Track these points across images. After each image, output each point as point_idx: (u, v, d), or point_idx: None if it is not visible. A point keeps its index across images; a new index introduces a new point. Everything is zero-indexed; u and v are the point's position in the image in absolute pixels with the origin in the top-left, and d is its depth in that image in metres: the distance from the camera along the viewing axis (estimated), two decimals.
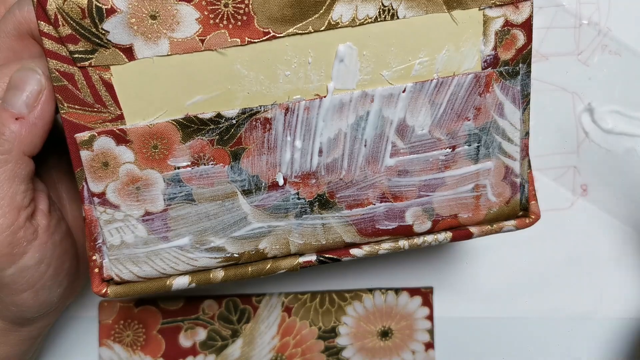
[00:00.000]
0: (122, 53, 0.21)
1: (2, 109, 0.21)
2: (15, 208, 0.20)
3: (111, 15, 0.20)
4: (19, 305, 0.22)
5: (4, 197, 0.20)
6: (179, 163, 0.23)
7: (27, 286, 0.21)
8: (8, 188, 0.20)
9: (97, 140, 0.22)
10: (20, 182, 0.21)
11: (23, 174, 0.21)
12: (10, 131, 0.20)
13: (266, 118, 0.22)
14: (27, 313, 0.23)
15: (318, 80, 0.22)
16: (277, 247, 0.24)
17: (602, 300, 0.32)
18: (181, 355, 0.30)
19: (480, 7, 0.22)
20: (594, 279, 0.32)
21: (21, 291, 0.21)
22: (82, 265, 0.25)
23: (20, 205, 0.21)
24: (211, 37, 0.21)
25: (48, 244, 0.22)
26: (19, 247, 0.21)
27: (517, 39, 0.23)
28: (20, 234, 0.21)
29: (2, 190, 0.20)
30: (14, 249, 0.21)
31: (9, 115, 0.20)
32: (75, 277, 0.25)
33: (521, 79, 0.24)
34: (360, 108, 0.23)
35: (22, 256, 0.21)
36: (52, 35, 0.20)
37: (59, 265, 0.23)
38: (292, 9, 0.21)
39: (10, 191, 0.20)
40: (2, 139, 0.20)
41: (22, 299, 0.22)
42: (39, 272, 0.22)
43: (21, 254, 0.21)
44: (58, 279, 0.23)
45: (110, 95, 0.21)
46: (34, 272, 0.21)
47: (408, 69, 0.23)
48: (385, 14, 0.22)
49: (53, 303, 0.23)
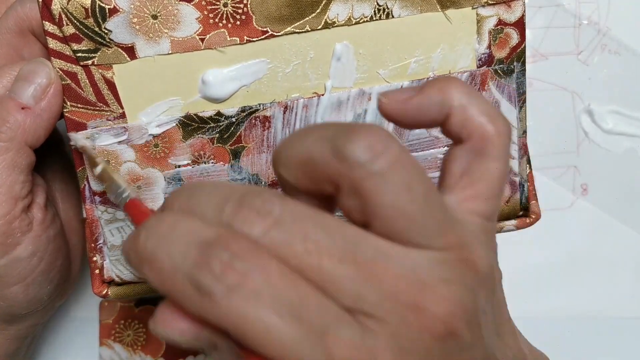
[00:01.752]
0: (124, 52, 0.21)
1: (8, 98, 0.21)
2: (12, 197, 0.20)
3: (114, 15, 0.20)
4: (9, 299, 0.22)
5: (1, 185, 0.20)
6: (180, 162, 0.23)
7: (18, 279, 0.21)
8: (7, 177, 0.20)
9: (98, 138, 0.22)
10: (20, 172, 0.21)
11: (23, 165, 0.21)
12: (14, 119, 0.20)
13: (265, 116, 0.23)
14: (16, 309, 0.22)
15: (316, 78, 0.23)
16: None
17: (602, 300, 0.32)
18: (181, 354, 0.30)
19: (473, 6, 0.22)
20: (594, 279, 0.32)
21: (12, 284, 0.21)
22: (73, 267, 0.25)
23: (18, 196, 0.21)
24: (211, 36, 0.21)
25: (42, 238, 0.22)
26: (12, 237, 0.21)
27: (510, 37, 0.23)
28: (15, 224, 0.21)
29: (0, 179, 0.20)
30: (8, 238, 0.21)
31: (15, 104, 0.21)
32: (66, 277, 0.25)
33: (516, 77, 0.24)
34: (358, 106, 0.23)
35: (15, 247, 0.21)
36: (56, 35, 0.21)
37: (51, 262, 0.22)
38: (290, 8, 0.21)
39: (9, 180, 0.20)
40: (6, 127, 0.20)
41: (12, 293, 0.21)
42: (30, 265, 0.21)
43: (14, 244, 0.21)
44: (49, 276, 0.23)
45: (112, 94, 0.22)
46: (26, 264, 0.21)
47: (404, 67, 0.23)
48: (380, 13, 0.22)
49: (43, 300, 0.23)
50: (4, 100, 0.21)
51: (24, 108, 0.21)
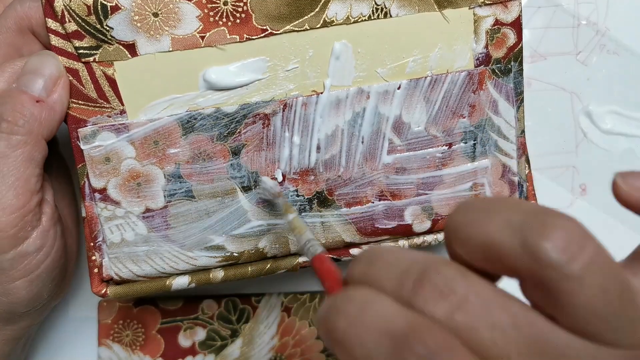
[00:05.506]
0: (125, 49, 0.21)
1: (20, 91, 0.21)
2: (28, 191, 0.20)
3: (115, 13, 0.21)
4: (11, 294, 0.22)
5: (19, 178, 0.20)
6: (180, 159, 0.23)
7: (23, 273, 0.21)
8: (25, 169, 0.20)
9: (99, 135, 0.22)
10: (36, 165, 0.21)
11: (39, 158, 0.21)
12: (30, 113, 0.20)
13: (265, 114, 0.23)
14: (17, 306, 0.22)
15: (315, 76, 0.23)
16: (276, 246, 0.25)
17: None
18: (180, 355, 0.30)
19: (470, 6, 0.23)
20: None
21: (16, 278, 0.21)
22: (69, 266, 0.25)
23: (34, 189, 0.21)
24: (211, 34, 0.22)
25: (50, 233, 0.22)
26: (24, 230, 0.21)
27: (507, 37, 0.23)
28: (28, 218, 0.21)
29: (18, 172, 0.20)
30: (20, 232, 0.21)
31: (29, 98, 0.20)
32: (65, 276, 0.25)
33: (514, 77, 0.24)
34: (357, 104, 0.23)
35: (24, 240, 0.21)
36: (58, 32, 0.21)
37: (56, 259, 0.22)
38: (289, 7, 0.22)
39: (27, 173, 0.20)
40: (23, 120, 0.20)
41: (15, 287, 0.21)
42: (36, 260, 0.21)
43: (24, 238, 0.21)
44: (52, 273, 0.23)
45: (113, 91, 0.22)
46: (32, 259, 0.21)
47: (402, 66, 0.23)
48: (378, 12, 0.22)
49: (43, 298, 0.23)
50: (15, 94, 0.21)
51: (39, 101, 0.21)
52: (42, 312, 0.25)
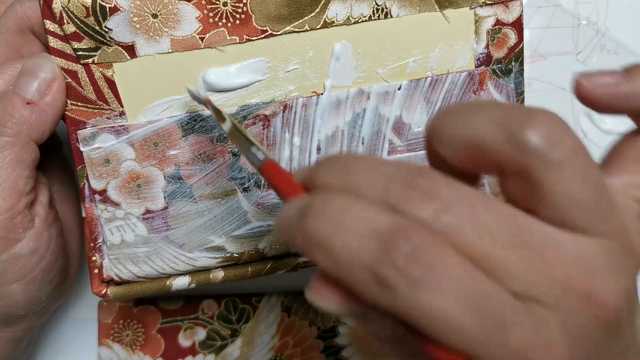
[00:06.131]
0: (124, 51, 0.21)
1: (13, 93, 0.21)
2: (16, 192, 0.20)
3: (114, 14, 0.21)
4: (7, 297, 0.22)
5: (6, 180, 0.20)
6: (180, 160, 0.23)
7: (17, 276, 0.21)
8: (12, 171, 0.20)
9: (98, 137, 0.22)
10: (24, 167, 0.21)
11: (28, 160, 0.21)
12: (20, 114, 0.20)
13: (265, 115, 0.23)
14: (14, 309, 0.22)
15: (315, 77, 0.23)
16: (276, 247, 0.25)
17: None
18: (180, 355, 0.30)
19: (471, 6, 0.22)
20: None
21: (11, 281, 0.21)
22: (70, 270, 0.25)
23: (22, 191, 0.21)
24: (211, 35, 0.21)
25: (44, 236, 0.22)
26: (14, 232, 0.21)
27: (508, 37, 0.23)
28: (18, 220, 0.21)
29: (5, 173, 0.20)
30: (10, 234, 0.20)
31: (19, 99, 0.21)
32: (65, 278, 0.24)
33: (514, 77, 0.24)
34: (357, 105, 0.23)
35: (16, 243, 0.21)
36: (57, 33, 0.21)
37: (52, 261, 0.22)
38: (289, 7, 0.21)
39: (14, 175, 0.20)
40: (12, 122, 0.20)
41: (10, 291, 0.21)
42: (31, 263, 0.21)
43: (15, 240, 0.21)
44: (49, 276, 0.22)
45: (112, 92, 0.22)
46: (26, 261, 0.21)
47: (402, 66, 0.23)
48: (379, 12, 0.22)
49: (41, 301, 0.23)
50: (8, 95, 0.21)
51: (29, 103, 0.21)
52: (43, 315, 0.25)
